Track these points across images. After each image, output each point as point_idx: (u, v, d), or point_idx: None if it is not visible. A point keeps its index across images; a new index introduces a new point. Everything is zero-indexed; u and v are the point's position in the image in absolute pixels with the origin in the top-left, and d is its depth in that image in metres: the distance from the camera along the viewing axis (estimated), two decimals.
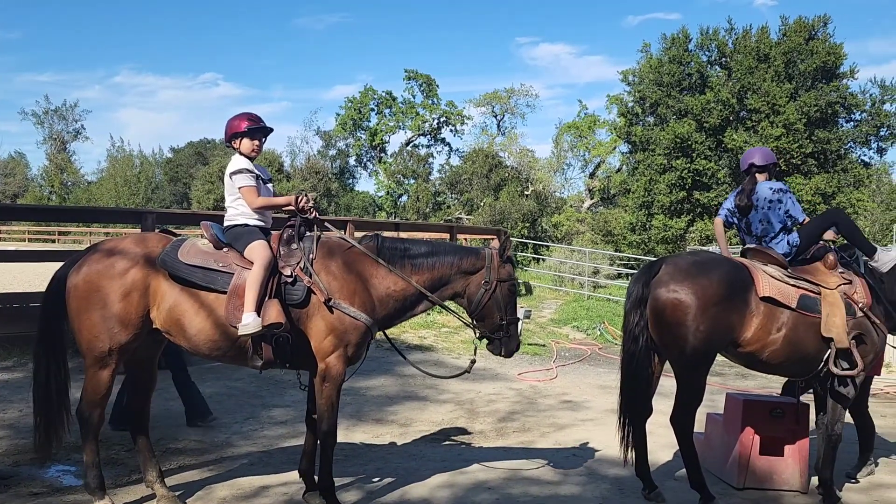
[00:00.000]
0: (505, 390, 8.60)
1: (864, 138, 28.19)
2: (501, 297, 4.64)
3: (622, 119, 33.42)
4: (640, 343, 4.77)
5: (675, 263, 4.79)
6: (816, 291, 4.77)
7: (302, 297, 4.40)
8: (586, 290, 21.18)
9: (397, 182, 49.08)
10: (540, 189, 42.11)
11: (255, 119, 4.76)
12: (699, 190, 28.57)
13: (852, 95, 27.74)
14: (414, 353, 10.67)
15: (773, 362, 4.80)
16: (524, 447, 6.28)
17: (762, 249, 5.11)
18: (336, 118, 52.51)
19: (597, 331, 13.96)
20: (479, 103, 50.85)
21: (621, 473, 5.36)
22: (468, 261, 4.67)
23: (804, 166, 26.90)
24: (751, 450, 5.30)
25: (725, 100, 27.73)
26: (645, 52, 32.12)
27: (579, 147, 47.20)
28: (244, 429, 6.43)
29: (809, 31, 28.00)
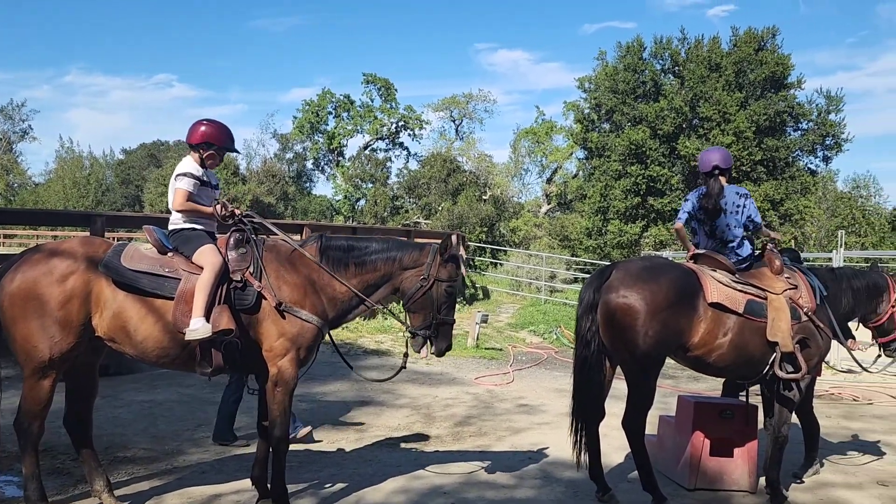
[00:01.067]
0: (462, 395, 8.61)
1: (811, 147, 29.04)
2: (437, 296, 4.60)
3: (578, 125, 33.78)
4: (592, 348, 4.83)
5: (625, 269, 4.86)
6: (763, 296, 4.89)
7: (252, 301, 4.35)
8: (543, 295, 21.35)
9: (355, 186, 48.79)
10: (498, 194, 42.32)
11: (227, 140, 4.75)
12: (653, 196, 29.05)
13: (799, 105, 28.56)
14: (370, 357, 10.62)
15: (720, 366, 4.91)
16: (480, 451, 6.29)
17: (711, 255, 5.22)
18: (293, 121, 51.97)
19: (553, 335, 14.07)
20: (437, 108, 50.94)
21: (576, 476, 5.41)
22: (410, 257, 4.66)
23: (753, 173, 27.57)
24: (701, 451, 5.41)
25: (678, 108, 28.28)
26: (601, 59, 32.57)
27: (537, 152, 47.59)
28: (196, 436, 6.31)
29: (759, 42, 28.75)
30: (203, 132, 4.67)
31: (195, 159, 4.70)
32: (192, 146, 4.71)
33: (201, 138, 4.66)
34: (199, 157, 4.69)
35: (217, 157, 4.76)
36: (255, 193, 39.18)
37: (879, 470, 6.02)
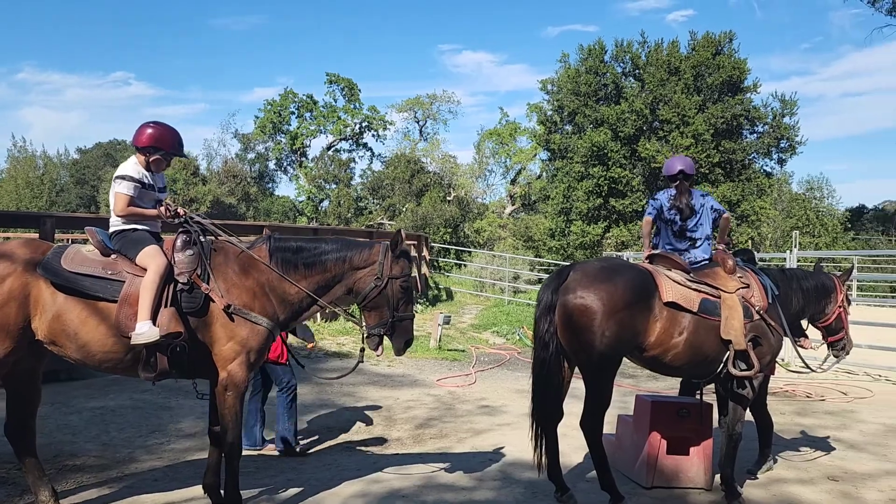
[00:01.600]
0: (423, 396, 8.58)
1: (766, 149, 29.71)
2: (392, 294, 4.57)
3: (541, 127, 34.03)
4: (550, 349, 4.84)
5: (582, 270, 4.88)
6: (716, 295, 4.96)
7: (199, 304, 4.27)
8: (507, 296, 21.43)
9: (318, 187, 48.38)
10: (462, 195, 42.38)
11: (174, 145, 4.65)
12: (615, 197, 29.39)
13: (755, 109, 29.19)
14: (331, 360, 10.52)
15: (675, 365, 4.96)
16: (441, 453, 6.27)
17: (667, 255, 5.29)
18: (255, 121, 51.30)
19: (516, 335, 14.13)
20: (401, 109, 50.79)
21: (535, 477, 5.40)
22: (360, 256, 4.60)
23: (711, 175, 28.07)
24: (658, 450, 5.46)
25: (639, 110, 28.65)
26: (563, 62, 32.85)
27: (501, 154, 47.76)
28: (149, 442, 6.17)
29: (716, 47, 29.29)
30: (150, 135, 4.55)
31: (140, 162, 4.59)
32: (137, 149, 4.60)
33: (148, 141, 4.55)
34: (145, 160, 4.58)
35: (163, 161, 4.66)
36: (215, 194, 38.60)
37: (830, 465, 6.15)
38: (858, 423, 7.82)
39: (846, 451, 6.60)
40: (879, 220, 42.88)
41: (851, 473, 5.93)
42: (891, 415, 8.23)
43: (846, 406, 8.75)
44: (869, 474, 5.91)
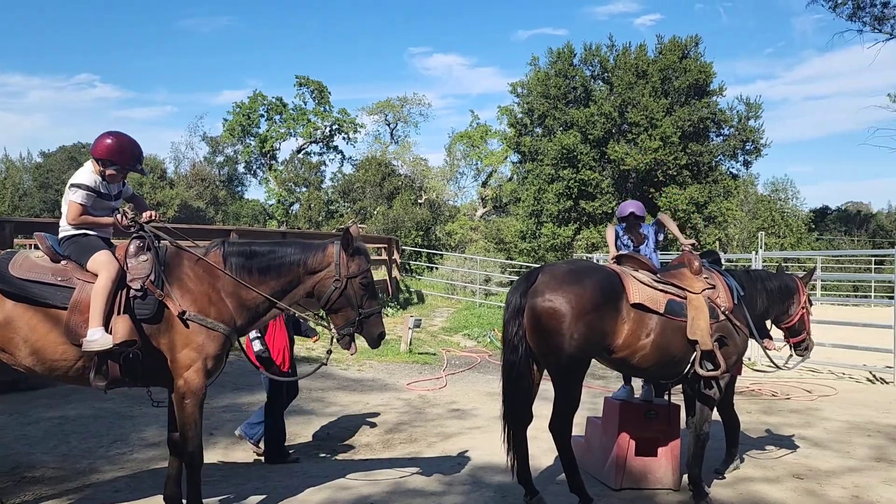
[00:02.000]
0: (393, 401, 8.52)
1: (732, 152, 30.18)
2: (354, 293, 4.49)
3: (512, 130, 34.17)
4: (519, 352, 4.82)
5: (550, 272, 4.87)
6: (683, 296, 4.99)
7: (153, 311, 4.18)
8: (478, 298, 21.44)
9: (288, 190, 48.02)
10: (433, 197, 42.37)
11: (132, 161, 4.54)
12: (585, 199, 29.60)
13: (721, 112, 29.64)
14: (301, 365, 10.37)
15: (643, 366, 4.97)
16: (410, 458, 6.23)
17: (634, 256, 5.32)
18: (223, 124, 50.76)
19: (487, 338, 14.12)
20: (371, 111, 50.64)
21: (505, 480, 5.39)
22: (315, 259, 4.51)
23: (679, 177, 28.41)
24: (627, 451, 5.47)
25: (608, 113, 28.91)
26: (533, 65, 33.05)
27: (472, 156, 47.86)
28: (111, 453, 6.02)
29: (683, 50, 29.68)
30: (107, 147, 4.43)
31: (95, 170, 4.46)
32: (94, 158, 4.48)
33: (104, 154, 4.43)
34: (101, 170, 4.47)
35: (118, 175, 4.53)
36: (183, 198, 38.11)
37: (795, 463, 6.23)
38: (822, 420, 7.94)
39: (811, 449, 6.69)
40: (842, 220, 43.81)
41: (816, 471, 6.01)
42: (854, 412, 8.38)
43: (811, 404, 8.89)
44: (832, 471, 6.00)
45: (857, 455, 6.56)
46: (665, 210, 27.80)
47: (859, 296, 25.11)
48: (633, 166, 28.00)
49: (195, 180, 42.81)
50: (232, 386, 8.82)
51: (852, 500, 5.35)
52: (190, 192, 40.50)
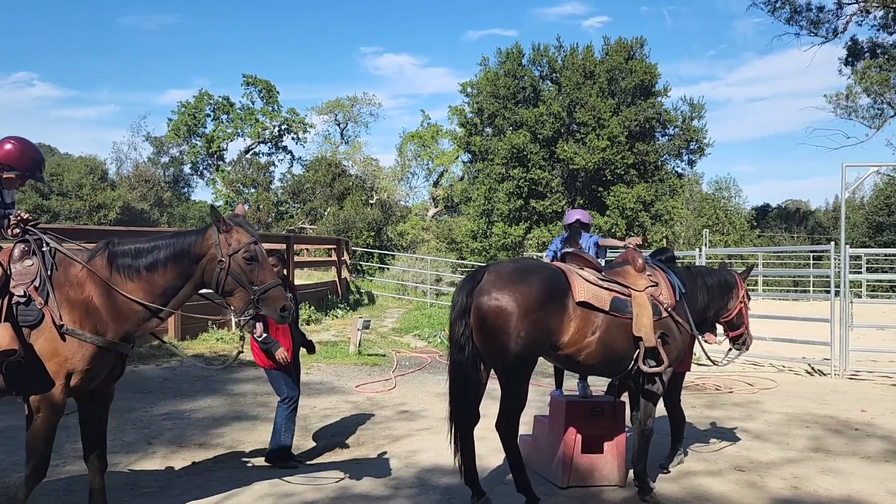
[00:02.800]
0: (341, 404, 8.40)
1: (677, 151, 30.83)
2: (241, 270, 4.27)
3: (462, 129, 34.23)
4: (466, 352, 4.78)
5: (496, 271, 4.85)
6: (627, 293, 5.02)
7: (37, 318, 3.99)
8: (429, 298, 21.40)
9: (237, 191, 47.15)
10: (385, 198, 42.15)
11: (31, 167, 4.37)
12: (535, 198, 29.84)
13: (666, 112, 30.25)
14: (247, 369, 10.19)
15: (589, 363, 4.99)
16: (357, 462, 6.14)
17: (579, 254, 5.34)
18: (168, 123, 49.63)
19: (437, 338, 14.08)
20: (321, 111, 50.12)
21: (453, 482, 5.35)
22: (196, 246, 4.32)
23: (627, 176, 28.87)
24: (573, 449, 5.49)
25: (557, 113, 29.20)
26: (483, 65, 33.18)
27: (423, 156, 47.78)
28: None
29: (629, 52, 30.19)
30: (7, 152, 4.27)
31: (7, 181, 4.29)
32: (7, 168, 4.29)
33: (4, 159, 4.27)
34: (20, 183, 4.30)
35: (17, 181, 4.38)
36: (125, 200, 37.06)
37: (737, 456, 6.35)
38: (763, 413, 8.14)
39: (752, 442, 6.84)
40: (783, 218, 45.22)
41: (757, 463, 6.14)
42: (793, 404, 8.60)
43: (752, 397, 9.09)
44: (773, 463, 6.13)
45: (796, 446, 6.73)
46: (614, 209, 28.24)
47: (799, 291, 25.90)
48: (581, 165, 28.33)
49: (138, 182, 41.68)
50: (173, 392, 8.59)
51: (791, 490, 5.48)
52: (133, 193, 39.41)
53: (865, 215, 37.56)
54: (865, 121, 35.43)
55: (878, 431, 7.34)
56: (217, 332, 11.97)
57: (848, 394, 9.40)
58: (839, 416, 7.97)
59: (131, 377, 9.24)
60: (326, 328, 14.45)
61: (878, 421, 7.80)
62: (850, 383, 10.17)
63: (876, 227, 35.00)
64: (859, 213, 38.53)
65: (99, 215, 35.29)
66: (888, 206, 34.39)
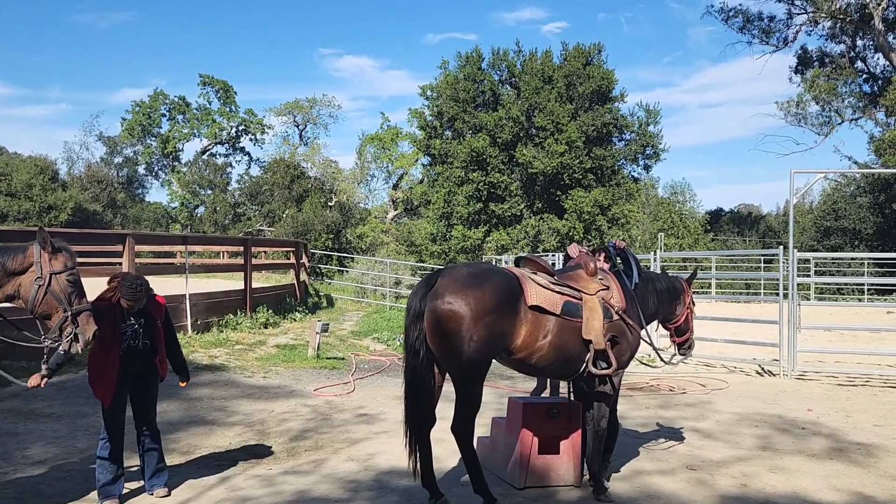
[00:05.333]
0: (299, 408, 8.36)
1: (634, 156, 31.43)
2: (61, 290, 4.34)
3: (422, 132, 34.31)
4: (420, 355, 4.82)
5: (449, 275, 4.90)
6: (578, 297, 5.12)
7: None
8: (388, 301, 21.37)
9: (193, 192, 46.44)
10: (344, 200, 41.92)
11: None
12: (494, 202, 30.07)
13: (623, 117, 30.82)
14: (203, 373, 10.06)
15: (541, 366, 5.07)
16: (315, 465, 6.12)
17: (532, 258, 5.42)
18: (122, 123, 48.63)
19: (396, 341, 14.07)
20: (279, 112, 49.70)
21: (411, 484, 5.37)
22: (15, 261, 4.34)
23: (584, 180, 29.31)
24: (530, 450, 5.56)
25: (516, 117, 29.49)
26: (443, 69, 33.34)
27: (383, 158, 47.73)
28: None
29: (587, 57, 30.66)
30: None
31: None
32: None
33: None
34: None
35: None
36: (77, 201, 36.13)
37: (688, 455, 6.51)
38: (714, 413, 8.34)
39: (703, 441, 7.01)
40: (735, 221, 46.34)
41: (707, 462, 6.31)
42: (743, 404, 8.84)
43: (704, 398, 9.32)
44: (723, 461, 6.30)
45: (745, 445, 6.93)
46: (571, 212, 28.59)
47: (750, 293, 26.58)
48: (540, 169, 28.63)
49: (91, 182, 40.68)
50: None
51: (740, 488, 5.64)
52: (85, 194, 38.44)
53: (814, 220, 38.71)
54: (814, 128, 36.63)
55: (823, 430, 7.60)
56: None
57: (795, 394, 9.70)
58: (786, 416, 8.22)
59: (83, 382, 9.03)
60: (285, 331, 14.34)
61: (823, 420, 8.07)
62: (797, 383, 10.49)
63: (823, 231, 36.11)
64: (808, 218, 39.70)
65: (49, 216, 34.34)
66: (835, 211, 35.51)
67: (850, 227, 34.00)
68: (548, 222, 29.11)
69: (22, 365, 8.69)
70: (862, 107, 35.37)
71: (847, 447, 6.91)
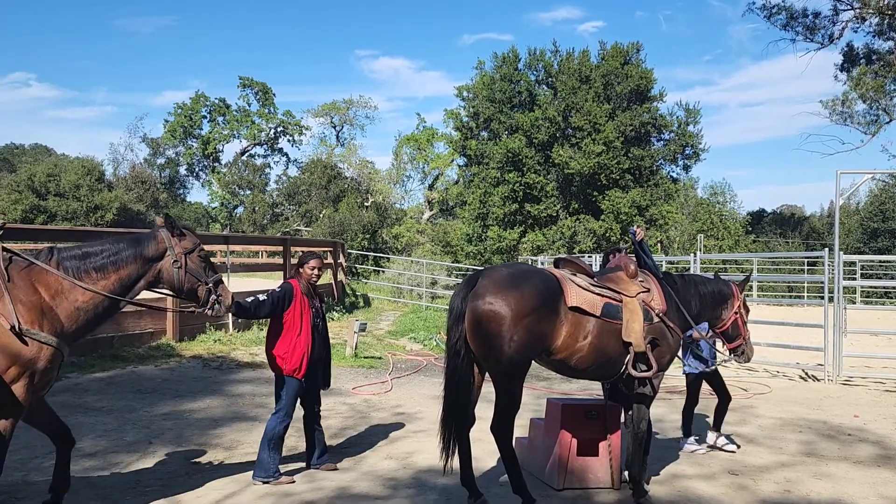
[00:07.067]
0: (338, 405, 8.46)
1: (673, 156, 31.01)
2: (196, 266, 4.66)
3: (458, 133, 34.35)
4: (461, 356, 4.87)
5: (490, 276, 4.93)
6: (618, 299, 5.10)
7: None
8: (424, 301, 21.47)
9: (232, 193, 47.20)
10: (380, 200, 42.24)
11: None
12: (530, 202, 29.97)
13: (662, 117, 30.43)
14: (244, 370, 10.25)
15: (580, 367, 5.07)
16: (355, 462, 6.20)
17: (572, 259, 5.42)
18: (164, 125, 49.65)
19: (433, 341, 14.15)
20: (317, 114, 50.24)
21: (450, 483, 5.42)
22: (150, 248, 4.58)
23: (622, 181, 29.04)
24: (569, 451, 5.57)
25: (552, 117, 29.35)
26: (479, 69, 33.33)
27: (418, 159, 47.93)
28: (45, 464, 5.78)
29: (625, 57, 30.37)
30: None
31: None
32: None
33: None
34: None
35: None
36: (122, 201, 37.02)
37: (730, 460, 6.43)
38: (756, 418, 8.22)
39: (745, 446, 6.92)
40: (777, 223, 45.45)
41: (750, 467, 6.23)
42: (786, 409, 8.69)
43: (746, 402, 9.18)
44: (765, 467, 6.22)
45: (788, 451, 6.82)
46: (608, 213, 28.35)
47: (793, 296, 26.06)
48: (577, 170, 28.45)
49: (135, 183, 41.63)
50: (172, 393, 8.63)
51: (783, 494, 5.56)
52: (129, 195, 39.35)
53: (860, 221, 37.80)
54: (861, 127, 35.71)
55: (870, 437, 7.43)
56: (214, 334, 12.02)
57: (841, 399, 9.50)
58: (831, 422, 8.06)
59: (131, 377, 9.29)
60: None
61: (869, 426, 7.89)
62: (843, 389, 10.27)
63: (870, 233, 35.24)
64: (854, 219, 38.78)
65: (96, 216, 35.25)
66: (882, 212, 34.63)
67: None
68: (584, 223, 28.93)
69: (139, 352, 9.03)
70: None
71: (895, 455, 6.75)
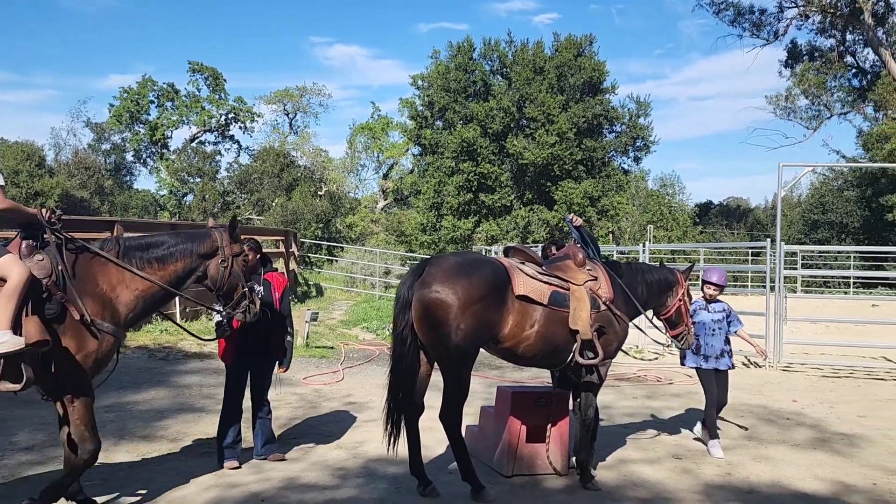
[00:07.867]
0: (287, 396, 8.36)
1: (624, 148, 31.45)
2: (239, 270, 4.87)
3: (413, 122, 34.21)
4: (408, 344, 4.86)
5: (438, 265, 4.93)
6: (566, 287, 5.15)
7: (57, 312, 4.12)
8: (378, 291, 21.38)
9: (181, 180, 46.10)
10: (334, 189, 41.82)
11: None
12: (484, 192, 30.06)
13: (614, 109, 30.81)
14: (191, 361, 10.06)
15: (528, 355, 5.11)
16: (303, 453, 6.14)
17: (521, 248, 5.45)
18: (110, 109, 48.13)
19: (385, 331, 14.10)
20: (269, 100, 49.35)
21: (399, 472, 5.42)
22: (205, 245, 4.78)
23: (574, 172, 29.33)
24: (518, 438, 5.62)
25: (506, 108, 29.44)
26: (434, 58, 33.19)
27: (373, 148, 47.61)
28: None
29: (578, 49, 30.63)
30: None
31: None
32: None
33: None
34: None
35: None
36: (64, 187, 35.82)
37: (674, 444, 6.58)
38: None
39: (689, 431, 7.08)
40: (723, 214, 46.58)
41: (693, 451, 6.38)
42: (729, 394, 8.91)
43: (691, 388, 9.38)
44: (707, 451, 6.37)
45: (730, 435, 7.01)
46: (561, 204, 28.63)
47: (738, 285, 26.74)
48: (531, 160, 28.64)
49: (78, 169, 40.26)
50: (116, 384, 8.40)
51: (724, 477, 5.71)
52: (72, 181, 38.06)
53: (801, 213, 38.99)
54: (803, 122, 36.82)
55: (807, 420, 7.69)
56: (161, 324, 11.75)
57: (781, 385, 9.81)
58: (771, 406, 8.31)
59: None
60: None
61: (807, 411, 8.17)
62: (783, 374, 10.61)
63: (811, 224, 36.38)
64: (796, 211, 39.97)
65: (36, 203, 34.03)
66: (822, 204, 35.77)
67: (837, 221, 34.27)
68: (538, 213, 29.16)
69: None
70: (851, 101, 35.61)
71: (830, 437, 7.00)
